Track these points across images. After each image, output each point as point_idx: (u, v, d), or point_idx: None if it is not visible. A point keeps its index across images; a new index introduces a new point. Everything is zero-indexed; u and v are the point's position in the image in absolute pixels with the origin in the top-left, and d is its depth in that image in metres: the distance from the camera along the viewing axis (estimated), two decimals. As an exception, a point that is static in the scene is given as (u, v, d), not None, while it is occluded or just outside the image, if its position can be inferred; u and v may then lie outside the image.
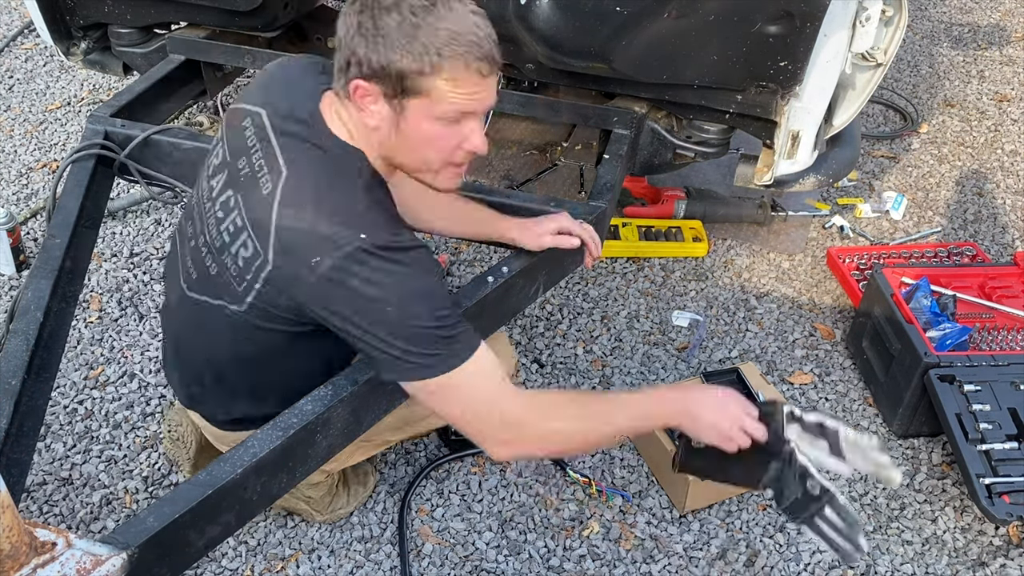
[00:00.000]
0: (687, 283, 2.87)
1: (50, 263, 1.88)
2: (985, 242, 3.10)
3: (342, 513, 2.12)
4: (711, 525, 2.15)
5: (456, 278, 2.85)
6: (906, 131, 3.66)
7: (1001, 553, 2.12)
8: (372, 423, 1.74)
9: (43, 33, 2.73)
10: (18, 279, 2.76)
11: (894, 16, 2.22)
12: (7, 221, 2.70)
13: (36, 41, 4.01)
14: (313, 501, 2.07)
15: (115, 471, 2.20)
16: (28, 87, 3.73)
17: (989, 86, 4.01)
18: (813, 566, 2.08)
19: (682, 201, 3.03)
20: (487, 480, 2.23)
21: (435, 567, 2.04)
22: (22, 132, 3.45)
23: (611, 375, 2.53)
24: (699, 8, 2.06)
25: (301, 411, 1.56)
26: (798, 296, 2.84)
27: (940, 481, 2.28)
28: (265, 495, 1.54)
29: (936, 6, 4.70)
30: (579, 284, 2.84)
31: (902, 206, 3.20)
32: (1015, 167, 3.49)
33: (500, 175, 3.26)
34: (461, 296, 1.82)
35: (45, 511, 2.11)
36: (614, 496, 2.20)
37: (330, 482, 2.07)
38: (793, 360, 2.61)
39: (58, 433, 2.29)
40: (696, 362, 2.58)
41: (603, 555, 2.08)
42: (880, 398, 2.45)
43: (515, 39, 2.23)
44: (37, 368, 1.71)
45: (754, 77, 2.19)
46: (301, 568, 2.02)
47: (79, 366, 2.48)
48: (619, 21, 2.11)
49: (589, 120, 2.46)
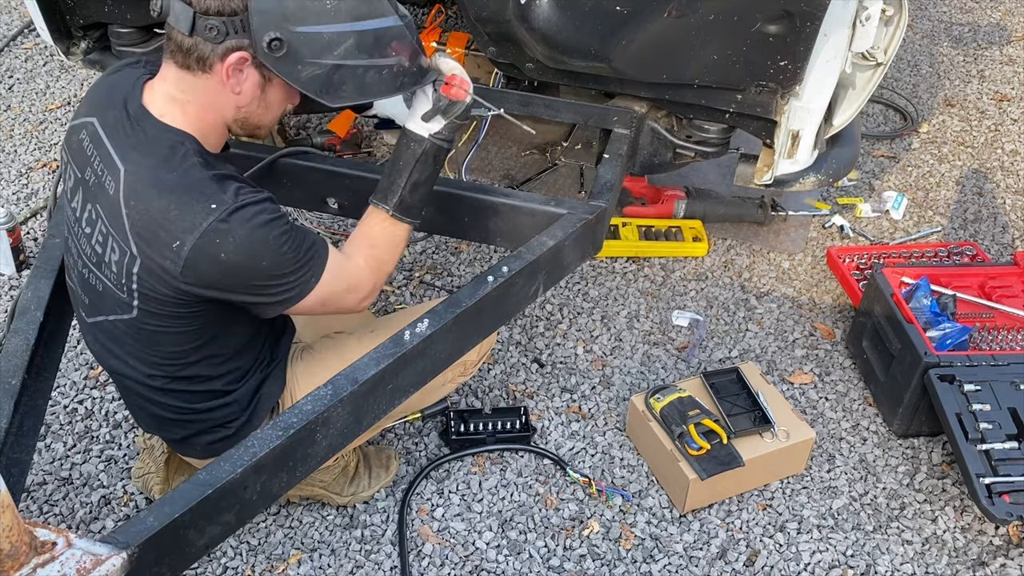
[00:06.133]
0: (687, 283, 2.87)
1: (50, 263, 1.88)
2: (985, 242, 3.10)
3: (363, 496, 2.13)
4: (711, 525, 2.15)
5: (456, 278, 2.86)
6: (906, 131, 3.65)
7: (1001, 553, 2.12)
8: (372, 423, 1.74)
9: (43, 33, 2.73)
10: (18, 279, 2.76)
11: (894, 16, 2.22)
12: (7, 221, 2.70)
13: (36, 41, 4.01)
14: (328, 484, 2.08)
15: (115, 471, 2.20)
16: (28, 87, 3.73)
17: (989, 86, 4.01)
18: (813, 566, 2.08)
19: (682, 201, 3.03)
20: (487, 480, 2.23)
21: (435, 567, 2.04)
22: (22, 132, 3.45)
23: (611, 375, 2.53)
24: (699, 7, 2.06)
25: (301, 411, 1.56)
26: (798, 296, 2.84)
27: (940, 481, 2.28)
28: (265, 494, 1.54)
29: (936, 6, 4.70)
30: (579, 284, 2.84)
31: (902, 206, 3.20)
32: (1015, 167, 3.49)
33: (500, 175, 3.26)
34: (461, 296, 1.81)
35: (45, 511, 2.11)
36: (614, 496, 2.20)
37: (342, 463, 2.08)
38: (793, 360, 2.61)
39: (58, 433, 2.29)
40: (696, 362, 2.58)
41: (603, 555, 2.08)
42: (880, 398, 2.45)
43: (515, 39, 2.23)
44: (37, 368, 1.71)
45: (754, 76, 2.19)
46: (301, 568, 2.02)
47: (79, 366, 2.48)
48: (619, 20, 2.11)
49: (589, 120, 2.45)
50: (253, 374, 1.80)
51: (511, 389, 2.47)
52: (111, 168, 1.54)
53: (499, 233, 2.14)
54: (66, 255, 1.74)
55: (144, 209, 1.50)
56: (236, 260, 1.50)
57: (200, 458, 1.86)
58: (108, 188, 1.54)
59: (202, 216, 1.47)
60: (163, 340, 1.64)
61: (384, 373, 1.66)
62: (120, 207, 1.52)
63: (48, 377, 1.75)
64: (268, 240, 1.52)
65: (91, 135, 1.60)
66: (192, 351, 1.68)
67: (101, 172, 1.56)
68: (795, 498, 2.23)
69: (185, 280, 1.51)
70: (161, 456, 2.02)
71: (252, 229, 1.50)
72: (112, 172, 1.54)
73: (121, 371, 1.73)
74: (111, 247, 1.56)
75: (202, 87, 1.54)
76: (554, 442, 2.33)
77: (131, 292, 1.57)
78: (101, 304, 1.65)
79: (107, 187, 1.54)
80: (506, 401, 2.44)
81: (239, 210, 1.49)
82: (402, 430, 2.34)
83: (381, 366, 1.65)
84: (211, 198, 1.49)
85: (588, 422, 2.39)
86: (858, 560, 2.10)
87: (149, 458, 2.04)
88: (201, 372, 1.71)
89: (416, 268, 2.88)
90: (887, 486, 2.27)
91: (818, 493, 2.24)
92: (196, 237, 1.47)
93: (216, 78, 1.53)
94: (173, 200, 1.48)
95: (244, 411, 1.81)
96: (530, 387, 2.48)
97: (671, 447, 2.15)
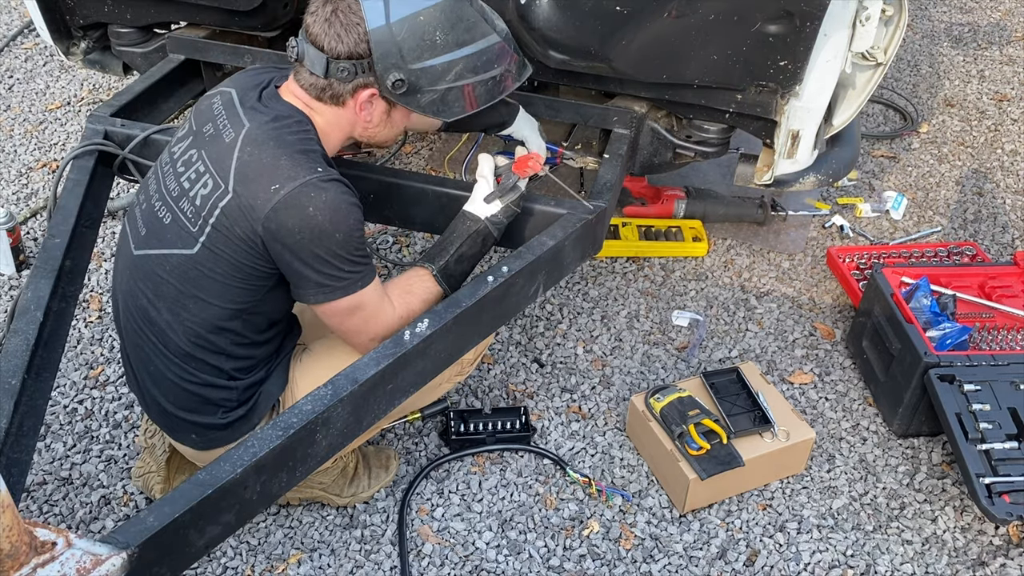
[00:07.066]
0: (687, 283, 2.87)
1: (50, 263, 1.88)
2: (985, 242, 3.10)
3: (363, 496, 2.14)
4: (711, 525, 2.15)
5: (456, 278, 2.85)
6: (906, 131, 3.65)
7: (1001, 553, 2.12)
8: (372, 423, 1.74)
9: (43, 33, 2.73)
10: (18, 279, 2.76)
11: (894, 15, 2.22)
12: (7, 221, 2.71)
13: (36, 41, 4.01)
14: (327, 486, 2.09)
15: (115, 471, 2.20)
16: (28, 87, 3.73)
17: (989, 86, 4.01)
18: (813, 566, 2.08)
19: (682, 201, 3.03)
20: (487, 480, 2.23)
21: (435, 567, 2.04)
22: (22, 132, 3.45)
23: (611, 375, 2.53)
24: (699, 8, 2.06)
25: (301, 411, 1.56)
26: (798, 296, 2.84)
27: (940, 481, 2.28)
28: (265, 494, 1.54)
29: (936, 6, 4.70)
30: (579, 284, 2.84)
31: (902, 206, 3.20)
32: (1015, 167, 3.49)
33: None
34: (461, 296, 1.82)
35: (45, 511, 2.11)
36: (614, 496, 2.20)
37: (340, 465, 2.08)
38: (793, 360, 2.61)
39: (58, 433, 2.29)
40: (696, 362, 2.58)
41: (603, 555, 2.08)
42: (880, 398, 2.45)
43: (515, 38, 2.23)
44: (37, 368, 1.71)
45: (754, 76, 2.19)
46: (301, 568, 2.03)
47: (79, 366, 2.48)
48: (619, 20, 2.11)
49: (589, 120, 2.45)
50: (260, 369, 1.82)
51: (511, 389, 2.47)
52: (235, 124, 1.70)
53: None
54: (138, 193, 1.85)
55: (257, 155, 1.64)
56: (318, 220, 1.61)
57: (191, 447, 1.86)
58: (225, 138, 1.69)
59: (307, 171, 1.63)
60: (206, 289, 1.69)
61: (384, 373, 1.66)
62: (233, 151, 1.66)
63: (48, 377, 1.75)
64: (350, 217, 1.66)
65: (224, 100, 1.76)
66: (224, 318, 1.71)
67: (222, 126, 1.71)
68: (795, 498, 2.23)
69: (266, 223, 1.61)
70: (162, 455, 2.02)
71: (342, 201, 1.64)
72: (235, 127, 1.69)
73: (145, 315, 1.75)
74: (203, 183, 1.67)
75: (332, 113, 1.75)
76: (554, 442, 2.33)
77: (204, 226, 1.66)
78: (162, 235, 1.72)
79: (223, 137, 1.69)
80: (506, 401, 2.44)
81: (337, 182, 1.66)
82: (402, 430, 2.34)
83: (381, 366, 1.65)
84: (319, 164, 1.66)
85: (588, 422, 2.39)
86: (858, 560, 2.10)
87: (150, 457, 2.04)
88: (220, 346, 1.74)
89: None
90: (887, 486, 2.27)
91: (818, 493, 2.24)
92: (295, 184, 1.61)
93: (348, 110, 1.74)
94: (287, 155, 1.64)
95: (242, 403, 1.81)
96: (530, 387, 2.48)
97: (671, 447, 2.15)
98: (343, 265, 1.67)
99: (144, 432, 2.05)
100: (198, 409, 1.79)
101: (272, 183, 1.61)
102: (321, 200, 1.61)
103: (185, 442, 1.87)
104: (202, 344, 1.73)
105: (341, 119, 1.76)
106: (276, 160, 1.63)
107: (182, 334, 1.72)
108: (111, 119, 2.27)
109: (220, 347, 1.74)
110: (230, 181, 1.64)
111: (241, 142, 1.66)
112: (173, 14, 2.68)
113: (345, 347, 1.87)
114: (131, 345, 1.83)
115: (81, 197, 2.06)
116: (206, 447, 1.84)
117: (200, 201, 1.67)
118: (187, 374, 1.76)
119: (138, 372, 1.85)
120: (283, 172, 1.62)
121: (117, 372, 2.45)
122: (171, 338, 1.73)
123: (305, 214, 1.61)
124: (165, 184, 1.75)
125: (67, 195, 2.07)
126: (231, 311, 1.71)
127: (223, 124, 1.71)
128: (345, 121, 1.77)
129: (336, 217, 1.63)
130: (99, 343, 2.55)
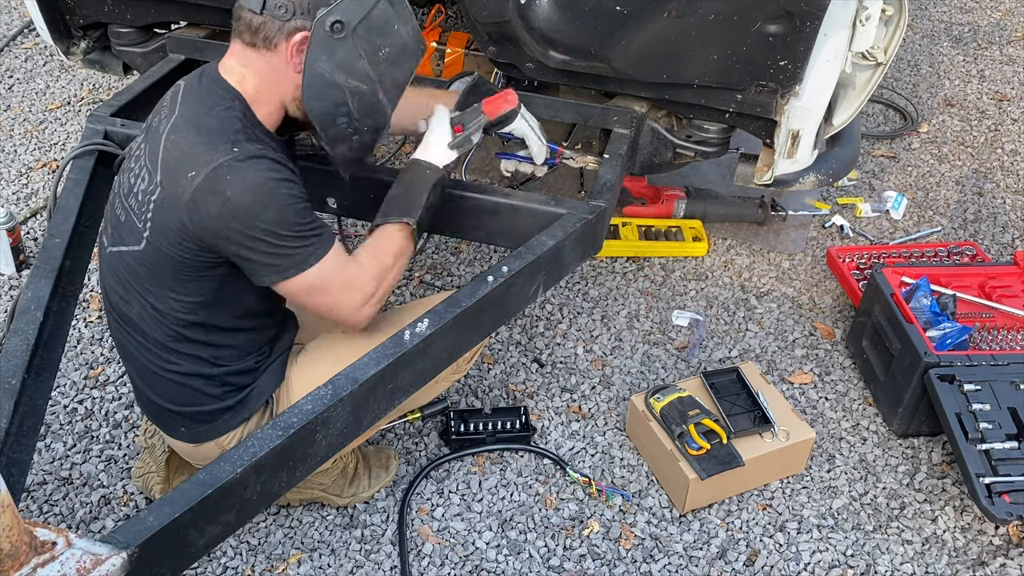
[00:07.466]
0: (687, 283, 2.87)
1: (50, 263, 1.88)
2: (985, 242, 3.10)
3: (363, 496, 2.14)
4: (711, 525, 2.15)
5: (456, 278, 2.86)
6: (906, 131, 3.65)
7: (1001, 553, 2.12)
8: (372, 422, 1.74)
9: (43, 33, 2.73)
10: (18, 279, 2.76)
11: (894, 15, 2.22)
12: (7, 221, 2.70)
13: (36, 41, 4.01)
14: (327, 487, 2.09)
15: (115, 471, 2.20)
16: (28, 87, 3.73)
17: (989, 86, 4.01)
18: (813, 566, 2.08)
19: (682, 201, 3.03)
20: (487, 480, 2.23)
21: (435, 567, 2.04)
22: (22, 132, 3.45)
23: (611, 374, 2.53)
24: (699, 7, 2.06)
25: (301, 411, 1.56)
26: (798, 296, 2.84)
27: (940, 480, 2.28)
28: (265, 494, 1.54)
29: (936, 6, 4.70)
30: (579, 284, 2.84)
31: (902, 206, 3.20)
32: (1015, 167, 3.49)
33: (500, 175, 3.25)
34: (461, 296, 1.81)
35: (45, 511, 2.11)
36: (614, 496, 2.20)
37: (340, 466, 2.08)
38: (793, 359, 2.61)
39: (58, 433, 2.29)
40: (696, 361, 2.58)
41: (603, 554, 2.08)
42: (880, 398, 2.45)
43: (515, 39, 2.23)
44: (37, 368, 1.71)
45: (754, 76, 2.19)
46: (301, 568, 2.03)
47: (79, 366, 2.48)
48: (619, 20, 2.11)
49: (589, 119, 2.45)
50: (246, 358, 1.80)
51: (511, 389, 2.47)
52: (169, 114, 1.68)
53: (499, 233, 2.14)
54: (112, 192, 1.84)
55: (178, 143, 1.61)
56: (238, 202, 1.55)
57: (182, 440, 1.86)
58: (160, 129, 1.67)
59: (221, 154, 1.56)
60: (161, 283, 1.67)
61: (384, 373, 1.66)
62: (161, 141, 1.63)
63: (48, 377, 1.75)
64: (276, 193, 1.58)
65: (172, 92, 1.75)
66: (190, 309, 1.69)
67: (162, 118, 1.69)
68: (795, 498, 2.23)
69: (190, 215, 1.57)
70: (162, 455, 2.02)
71: (263, 179, 1.57)
72: (168, 117, 1.67)
73: (119, 310, 1.76)
74: (142, 177, 1.66)
75: (264, 63, 1.65)
76: (554, 442, 2.33)
77: (146, 221, 1.64)
78: (120, 232, 1.72)
79: (159, 129, 1.67)
80: (506, 401, 2.44)
81: (256, 159, 1.58)
82: (402, 430, 2.34)
83: (381, 366, 1.65)
84: (236, 144, 1.58)
85: (588, 422, 2.39)
86: (858, 560, 2.10)
87: (150, 457, 2.04)
88: (193, 337, 1.72)
89: (416, 268, 2.88)
90: (887, 486, 2.27)
91: (818, 493, 2.24)
92: (208, 169, 1.55)
93: (280, 56, 1.64)
94: (202, 139, 1.59)
95: (229, 394, 1.80)
96: (530, 387, 2.48)
97: (671, 447, 2.15)
98: (287, 242, 1.60)
99: (144, 432, 2.05)
100: (185, 400, 1.79)
101: (189, 170, 1.57)
102: (238, 181, 1.55)
103: (176, 435, 1.86)
104: (175, 336, 1.72)
105: (275, 71, 1.65)
106: (193, 147, 1.59)
107: (155, 327, 1.72)
108: (111, 119, 2.27)
109: (193, 337, 1.73)
110: (158, 174, 1.62)
111: (167, 132, 1.64)
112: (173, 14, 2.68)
113: (341, 345, 1.87)
114: (116, 340, 1.85)
115: (81, 197, 2.06)
116: (196, 440, 1.83)
117: (141, 196, 1.65)
118: (169, 364, 1.75)
119: (126, 366, 1.87)
120: (199, 158, 1.57)
121: (117, 372, 2.45)
122: (146, 331, 1.73)
123: (223, 199, 1.55)
124: (121, 181, 1.75)
125: (67, 195, 2.07)
126: (192, 304, 1.69)
127: (163, 116, 1.69)
128: (280, 75, 1.66)
129: (259, 196, 1.56)
130: (99, 343, 2.55)
